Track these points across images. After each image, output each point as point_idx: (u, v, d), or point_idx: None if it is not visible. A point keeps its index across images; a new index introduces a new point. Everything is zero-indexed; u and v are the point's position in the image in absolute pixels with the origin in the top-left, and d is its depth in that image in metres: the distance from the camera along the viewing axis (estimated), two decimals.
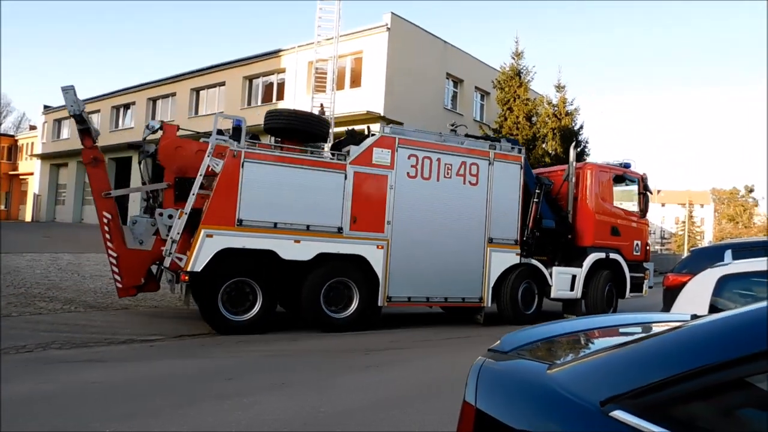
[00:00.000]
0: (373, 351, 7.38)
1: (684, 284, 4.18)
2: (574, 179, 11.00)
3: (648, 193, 11.93)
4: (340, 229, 8.56)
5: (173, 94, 29.40)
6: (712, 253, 6.50)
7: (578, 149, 20.83)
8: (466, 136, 10.52)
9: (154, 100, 30.92)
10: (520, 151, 10.28)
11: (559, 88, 21.84)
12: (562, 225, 10.84)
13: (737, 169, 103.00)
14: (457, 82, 23.78)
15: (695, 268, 5.20)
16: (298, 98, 22.33)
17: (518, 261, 10.06)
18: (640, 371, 1.23)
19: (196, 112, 28.23)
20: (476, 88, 24.71)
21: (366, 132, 9.91)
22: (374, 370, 6.18)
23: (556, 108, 21.44)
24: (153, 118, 30.83)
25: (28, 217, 42.60)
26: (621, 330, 2.20)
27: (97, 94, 34.63)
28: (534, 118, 20.85)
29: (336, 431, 4.14)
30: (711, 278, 3.81)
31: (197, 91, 28.28)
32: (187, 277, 7.66)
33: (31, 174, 43.20)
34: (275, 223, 8.15)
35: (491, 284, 9.77)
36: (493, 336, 1.96)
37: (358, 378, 5.78)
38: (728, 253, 4.64)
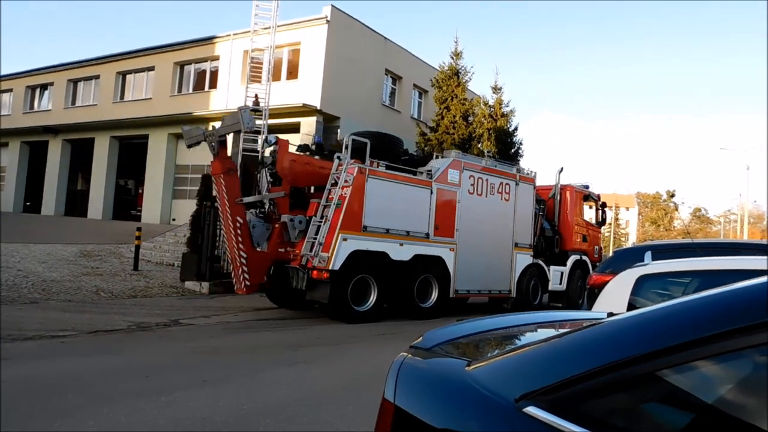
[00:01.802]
0: (300, 347, 7.26)
1: (607, 283, 4.33)
2: (559, 197, 13.85)
3: (605, 209, 15.14)
4: (427, 235, 10.43)
5: (97, 77, 27.73)
6: (633, 254, 6.80)
7: (512, 150, 21.53)
8: (495, 159, 13.17)
9: (75, 82, 29.06)
10: (533, 174, 12.92)
11: (496, 89, 22.35)
12: (553, 233, 13.57)
13: (660, 174, 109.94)
14: (396, 78, 23.87)
15: (617, 267, 5.40)
16: (232, 88, 21.69)
17: (531, 261, 12.56)
18: (553, 367, 1.24)
19: (122, 97, 26.80)
20: (415, 85, 24.89)
21: (433, 155, 12.06)
22: (300, 367, 6.07)
23: (492, 109, 21.91)
24: (73, 101, 29.01)
25: None
26: (541, 327, 2.23)
27: (10, 72, 32.19)
28: (470, 118, 21.19)
29: (257, 430, 4.01)
30: (630, 278, 3.96)
31: (123, 75, 26.84)
32: (327, 275, 8.90)
33: None
34: (387, 229, 9.81)
35: (516, 280, 12.19)
36: (422, 333, 1.93)
37: (283, 374, 5.65)
38: (648, 254, 4.86)
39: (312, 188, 10.40)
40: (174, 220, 23.18)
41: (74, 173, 29.57)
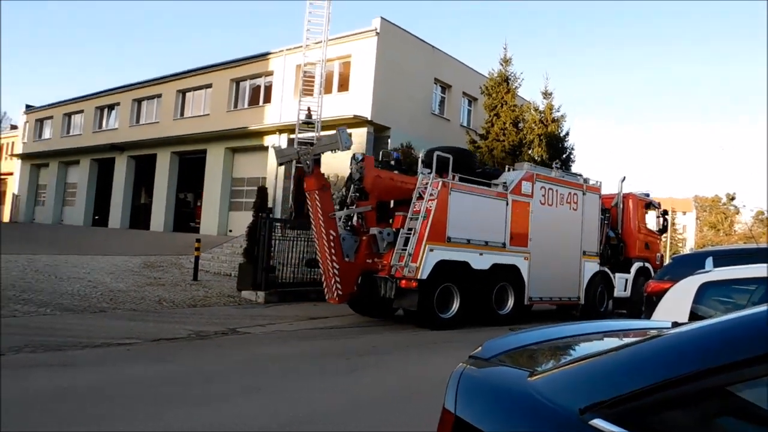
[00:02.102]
0: (353, 355, 7.30)
1: (665, 291, 4.18)
2: (621, 206, 14.04)
3: (666, 216, 15.33)
4: (504, 244, 10.85)
5: (159, 96, 29.09)
6: (693, 261, 6.52)
7: (564, 155, 21.11)
8: (562, 170, 13.36)
9: (139, 102, 30.60)
10: (599, 184, 13.25)
11: (546, 95, 21.99)
12: (617, 241, 13.81)
13: (719, 177, 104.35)
14: (445, 87, 23.88)
15: (676, 275, 5.21)
16: (285, 101, 22.25)
17: (598, 269, 12.84)
18: (619, 379, 1.20)
19: (182, 114, 27.98)
20: (464, 93, 24.82)
21: (506, 169, 12.42)
22: (354, 374, 6.10)
23: (542, 114, 21.59)
24: (137, 119, 30.51)
25: (6, 218, 41.79)
26: (603, 337, 2.17)
27: (81, 95, 34.21)
28: (521, 124, 20.96)
29: None
30: (692, 285, 3.80)
31: (183, 93, 28.04)
32: (416, 284, 9.34)
33: (11, 174, 42.44)
34: (468, 240, 10.21)
35: (584, 287, 12.44)
36: (474, 341, 1.91)
37: (338, 382, 5.70)
38: (709, 261, 4.65)
39: (392, 202, 10.82)
40: (231, 231, 23.89)
41: (138, 188, 31.05)
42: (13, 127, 47.47)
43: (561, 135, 21.55)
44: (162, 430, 4.05)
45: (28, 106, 40.18)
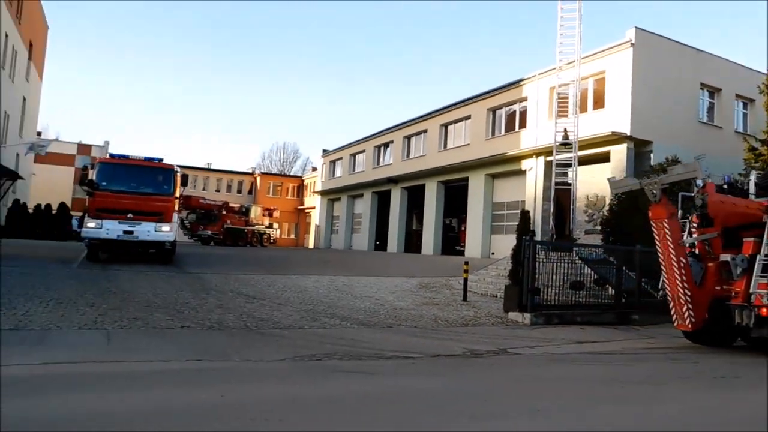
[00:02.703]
0: (627, 383, 7.09)
1: None
2: None
3: None
4: None
5: (425, 131, 32.12)
6: None
7: None
8: None
9: (408, 138, 34.22)
10: None
11: None
12: None
13: None
14: (713, 91, 21.14)
15: None
16: (540, 125, 22.38)
17: None
18: None
19: (445, 145, 30.32)
20: (737, 95, 21.66)
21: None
22: (630, 403, 5.98)
23: None
24: (407, 154, 34.10)
25: (311, 244, 50.78)
26: None
27: (363, 137, 39.83)
28: None
29: None
30: None
31: (446, 126, 30.41)
32: None
33: (313, 208, 51.50)
34: None
35: None
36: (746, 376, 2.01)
37: (614, 410, 5.67)
38: None
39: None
40: (493, 253, 24.77)
41: (410, 215, 34.56)
42: (314, 169, 57.69)
43: None
44: None
45: (324, 151, 48.47)
